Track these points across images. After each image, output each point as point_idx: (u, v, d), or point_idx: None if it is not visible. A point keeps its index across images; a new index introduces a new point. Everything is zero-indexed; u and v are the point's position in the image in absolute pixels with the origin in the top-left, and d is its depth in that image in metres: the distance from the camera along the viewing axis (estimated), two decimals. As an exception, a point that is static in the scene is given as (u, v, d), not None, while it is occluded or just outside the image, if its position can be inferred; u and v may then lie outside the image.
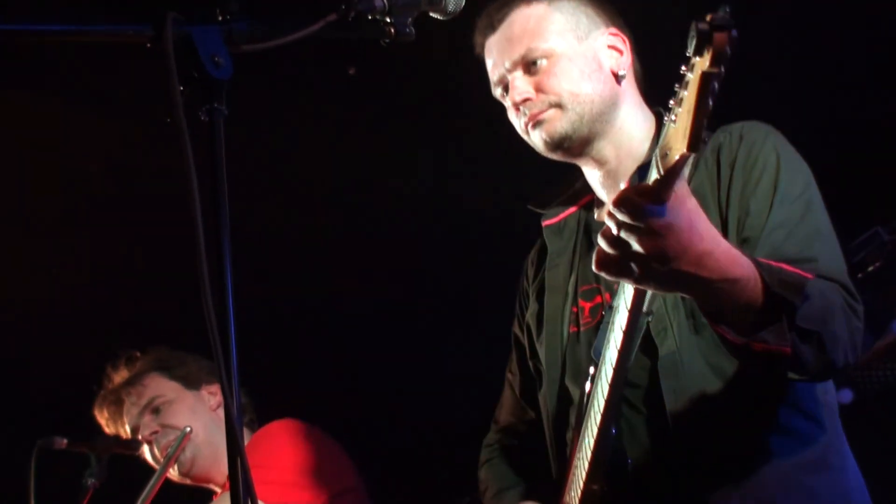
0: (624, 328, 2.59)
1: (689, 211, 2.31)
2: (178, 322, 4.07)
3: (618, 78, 3.08)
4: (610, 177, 3.10)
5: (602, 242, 2.34)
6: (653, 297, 2.75)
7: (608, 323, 2.71)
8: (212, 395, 4.56)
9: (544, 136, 3.03)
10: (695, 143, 2.07)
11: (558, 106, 3.01)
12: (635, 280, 2.37)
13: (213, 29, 2.30)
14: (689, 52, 2.05)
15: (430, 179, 5.58)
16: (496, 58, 3.13)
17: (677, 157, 2.13)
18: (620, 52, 3.11)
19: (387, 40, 2.60)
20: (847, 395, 5.09)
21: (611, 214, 2.29)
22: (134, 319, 5.62)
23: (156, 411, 4.52)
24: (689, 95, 2.07)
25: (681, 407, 2.79)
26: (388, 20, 2.57)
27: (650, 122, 3.07)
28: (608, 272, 2.37)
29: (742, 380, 2.78)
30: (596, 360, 2.82)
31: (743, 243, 2.75)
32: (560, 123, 3.01)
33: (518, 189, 3.80)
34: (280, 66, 4.33)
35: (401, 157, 5.53)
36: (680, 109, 2.11)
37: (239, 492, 2.01)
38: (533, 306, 3.28)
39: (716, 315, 2.50)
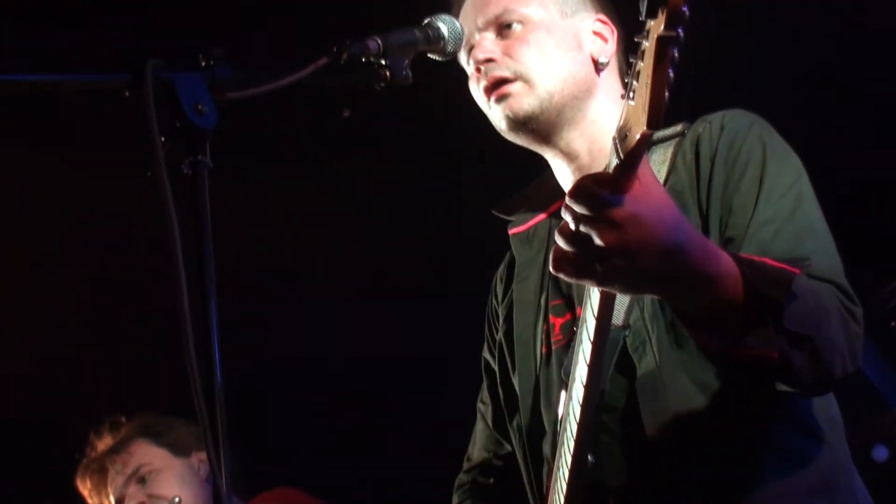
0: (592, 339, 2.41)
1: (655, 200, 2.14)
2: (163, 384, 4.01)
3: (597, 65, 2.91)
4: (580, 174, 2.88)
5: (559, 239, 2.17)
6: (629, 307, 2.61)
7: (578, 339, 2.53)
8: (202, 463, 4.43)
9: (508, 111, 2.84)
10: (655, 119, 1.93)
11: (526, 81, 2.84)
12: (598, 280, 2.18)
13: (196, 75, 2.24)
14: (642, 15, 1.92)
15: (426, 232, 5.54)
16: (470, 16, 2.96)
17: (638, 137, 1.98)
18: (606, 40, 2.96)
19: (382, 85, 2.52)
20: (882, 453, 4.94)
21: (567, 207, 2.13)
22: (117, 382, 5.54)
23: (142, 481, 4.38)
24: (645, 65, 1.93)
25: (663, 430, 2.60)
26: (384, 63, 2.51)
27: None
28: (567, 273, 2.19)
29: (732, 397, 2.59)
30: (566, 381, 2.65)
31: (727, 244, 2.58)
32: (527, 100, 2.84)
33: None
34: (268, 112, 4.26)
35: (396, 206, 5.50)
36: (637, 83, 1.98)
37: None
38: (503, 326, 3.10)
39: (693, 319, 2.32)
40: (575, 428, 2.55)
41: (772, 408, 2.59)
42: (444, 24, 2.69)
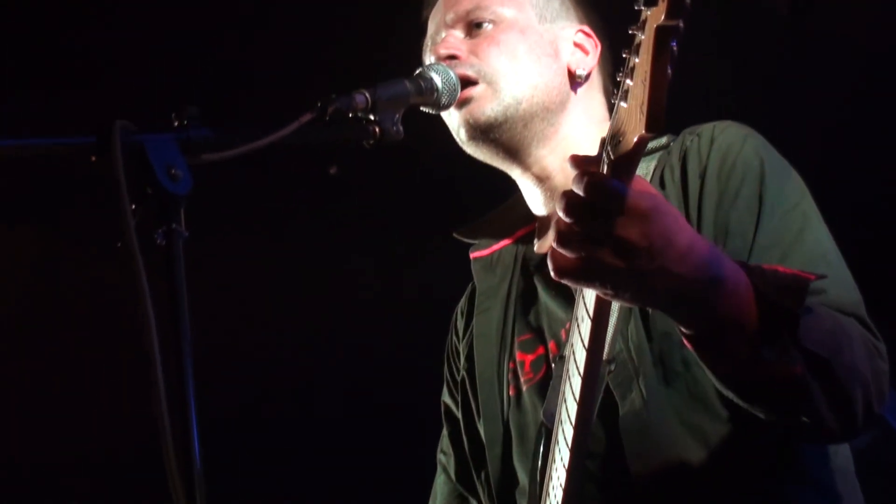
0: (583, 373, 2.17)
1: (661, 197, 1.98)
2: (137, 464, 3.95)
3: (574, 78, 2.74)
4: (553, 198, 2.70)
5: (559, 245, 1.93)
6: (612, 338, 2.40)
7: (559, 376, 2.34)
8: None
9: (468, 116, 2.66)
10: (654, 119, 1.76)
11: (490, 83, 2.66)
12: (611, 285, 1.96)
13: (169, 137, 2.14)
14: (640, 3, 1.77)
15: (411, 291, 5.50)
16: (440, 12, 2.81)
17: (635, 140, 1.81)
18: (587, 52, 2.79)
19: (371, 142, 2.41)
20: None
21: (569, 203, 1.90)
22: (85, 463, 5.45)
23: None
24: (642, 61, 1.78)
25: (650, 476, 2.41)
26: (373, 118, 2.41)
27: None
28: (574, 278, 1.95)
29: (727, 442, 2.40)
30: (549, 425, 2.43)
31: None
32: (490, 105, 2.65)
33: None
34: (248, 173, 4.20)
35: (378, 267, 5.48)
36: (632, 82, 1.82)
37: None
38: (464, 366, 2.90)
39: (701, 339, 2.09)
40: (563, 476, 2.34)
41: (773, 455, 2.40)
42: (437, 74, 2.58)
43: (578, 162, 1.95)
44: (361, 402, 5.62)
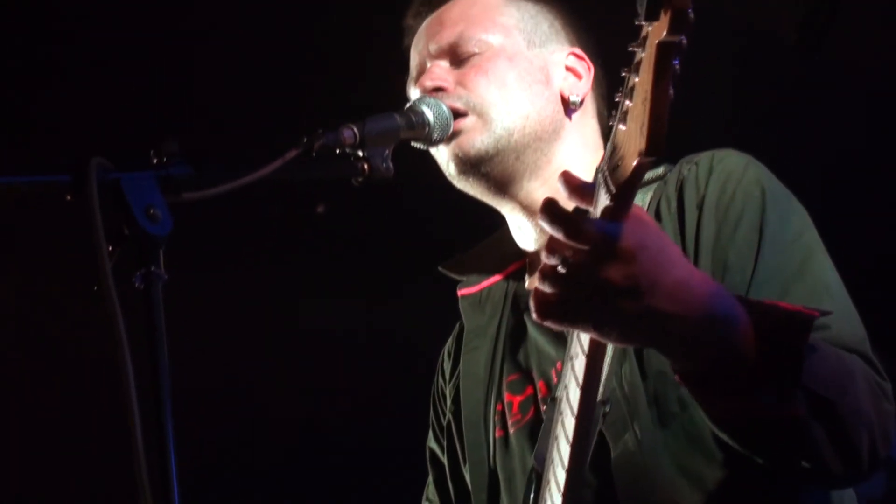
0: (577, 413, 2.08)
1: (655, 230, 1.92)
2: None
3: (568, 105, 2.67)
4: (543, 234, 2.60)
5: (542, 283, 1.88)
6: (607, 379, 2.31)
7: (551, 418, 2.25)
8: None
9: (457, 150, 2.59)
10: (656, 141, 1.70)
11: (480, 115, 2.60)
12: (595, 326, 1.90)
13: (147, 175, 2.08)
14: (640, 18, 1.70)
15: (396, 331, 5.47)
16: (422, 41, 2.74)
17: (635, 163, 1.75)
18: (580, 77, 2.72)
19: (360, 179, 2.35)
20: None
21: (553, 243, 1.86)
22: None
23: None
24: (642, 79, 1.73)
25: None
26: (361, 154, 2.35)
27: None
28: (556, 319, 1.90)
29: (724, 487, 2.29)
30: (540, 469, 2.34)
31: None
32: (481, 138, 2.58)
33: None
34: (231, 211, 4.15)
35: (361, 306, 5.45)
36: (631, 103, 1.77)
37: None
38: (451, 408, 2.81)
39: (697, 377, 2.02)
40: None
41: (770, 502, 2.29)
42: (428, 108, 2.52)
43: (572, 185, 1.91)
44: (345, 446, 5.60)
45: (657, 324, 1.90)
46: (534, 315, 1.91)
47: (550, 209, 1.86)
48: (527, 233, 2.70)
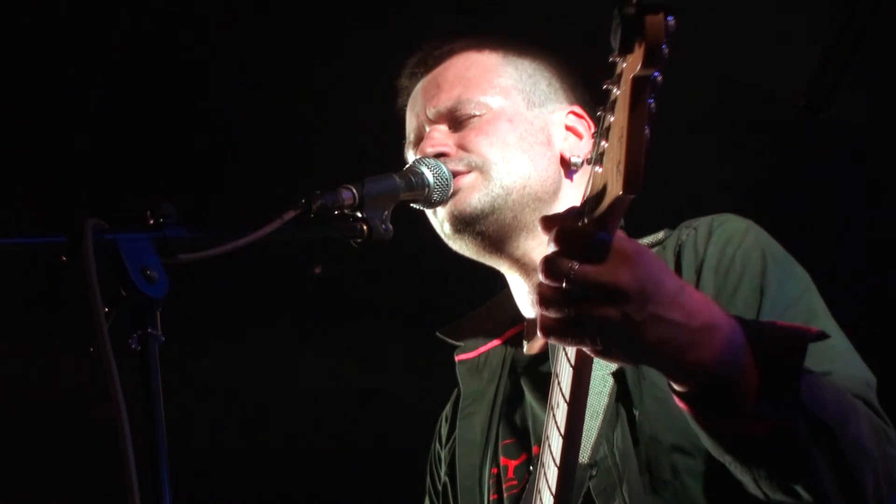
0: (559, 464, 2.05)
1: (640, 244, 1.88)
2: None
3: (568, 166, 2.67)
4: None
5: (543, 308, 1.83)
6: (596, 441, 2.31)
7: (536, 480, 2.19)
8: None
9: (453, 208, 2.59)
10: (632, 179, 1.68)
11: (481, 171, 2.60)
12: (603, 339, 1.84)
13: (144, 237, 2.10)
14: (614, 52, 1.69)
15: (398, 398, 5.45)
16: (419, 104, 2.74)
17: (611, 201, 1.73)
18: (580, 136, 2.72)
19: (359, 240, 2.37)
20: None
21: (549, 262, 1.80)
22: None
23: None
24: (618, 118, 1.71)
25: None
26: (360, 215, 2.37)
27: None
28: (562, 336, 1.85)
29: None
30: None
31: None
32: (478, 195, 2.59)
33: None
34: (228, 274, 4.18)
35: (358, 370, 5.46)
36: (607, 143, 1.75)
37: None
38: (446, 472, 2.81)
39: (695, 393, 1.95)
40: None
41: None
42: (428, 169, 2.54)
43: (549, 221, 1.87)
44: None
45: (661, 332, 1.85)
46: (539, 332, 1.86)
47: (547, 221, 1.85)
48: (523, 293, 2.70)
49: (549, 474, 2.10)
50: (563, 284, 1.80)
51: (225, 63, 4.61)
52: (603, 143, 1.75)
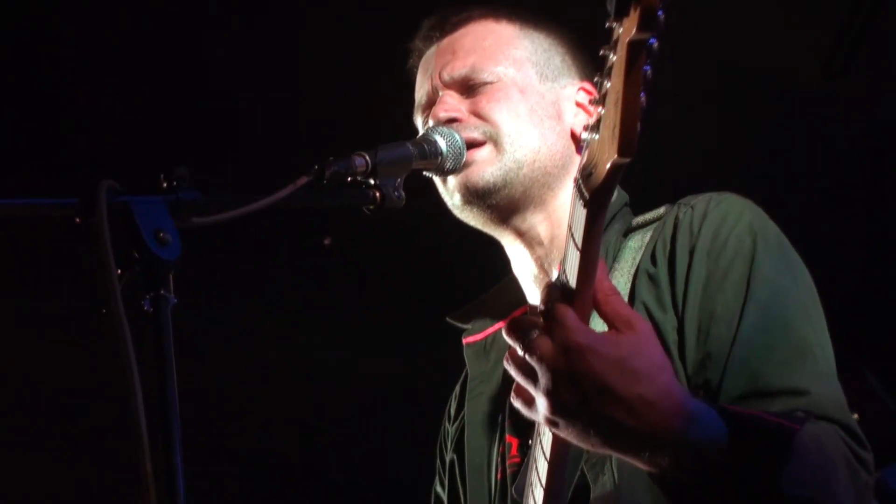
0: (549, 457, 2.16)
1: (629, 337, 1.95)
2: None
3: (578, 141, 2.72)
4: (543, 268, 2.71)
5: (509, 368, 1.99)
6: None
7: (533, 455, 2.29)
8: None
9: (465, 180, 2.65)
10: (628, 142, 1.75)
11: (496, 144, 2.66)
12: (547, 422, 1.98)
13: (157, 199, 2.15)
14: (610, 18, 1.76)
15: (414, 368, 5.52)
16: (431, 69, 2.79)
17: (608, 168, 1.80)
18: (590, 113, 2.80)
19: (371, 207, 2.42)
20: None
21: (510, 329, 1.96)
22: None
23: None
24: (614, 83, 1.77)
25: None
26: (373, 183, 2.42)
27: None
28: (521, 406, 2.02)
29: None
30: (519, 501, 2.41)
31: (705, 362, 2.35)
32: (491, 169, 2.65)
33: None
34: (240, 239, 4.23)
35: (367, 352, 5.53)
36: (604, 109, 1.82)
37: None
38: (454, 451, 2.89)
39: (666, 482, 2.06)
40: None
41: None
42: (441, 138, 2.60)
43: (512, 327, 1.98)
44: (347, 487, 5.70)
45: (608, 433, 1.95)
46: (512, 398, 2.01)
47: (511, 325, 1.96)
48: (526, 266, 2.76)
49: (540, 467, 2.21)
50: (519, 350, 1.94)
51: (241, 29, 4.67)
52: (600, 109, 1.82)
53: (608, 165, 1.80)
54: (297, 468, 5.68)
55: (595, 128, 1.85)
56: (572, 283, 1.95)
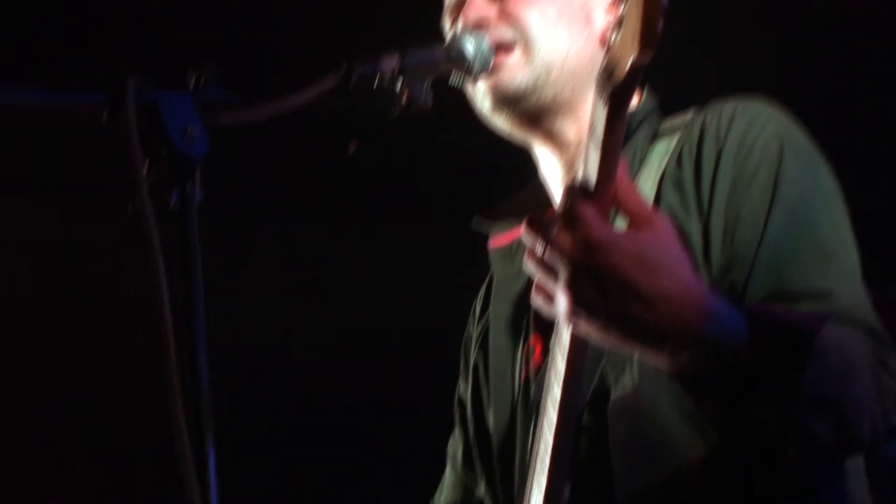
0: (566, 356, 2.22)
1: (648, 233, 2.01)
2: (148, 451, 3.99)
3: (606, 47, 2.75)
4: (570, 172, 2.70)
5: (529, 263, 2.07)
6: None
7: (552, 355, 2.33)
8: None
9: (495, 85, 2.65)
10: (648, 36, 1.80)
11: (526, 46, 2.65)
12: (567, 318, 2.05)
13: (185, 96, 2.15)
14: None
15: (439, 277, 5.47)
16: None
17: (629, 64, 1.84)
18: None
19: (398, 111, 2.43)
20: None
21: (531, 223, 2.05)
22: (93, 447, 5.49)
23: None
24: None
25: (632, 466, 2.41)
26: (400, 85, 2.42)
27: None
28: (540, 303, 2.09)
29: (729, 442, 2.35)
30: (539, 401, 2.44)
31: (730, 264, 2.38)
32: (521, 74, 2.64)
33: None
34: (265, 139, 4.22)
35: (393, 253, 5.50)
36: (626, 6, 1.85)
37: None
38: (478, 354, 2.91)
39: (689, 380, 2.13)
40: (547, 460, 2.36)
41: (776, 467, 2.36)
42: (469, 43, 2.59)
43: (532, 224, 2.05)
44: (371, 394, 5.67)
45: (628, 328, 2.02)
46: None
47: (530, 222, 2.03)
48: (553, 169, 2.77)
49: (563, 342, 2.24)
50: (539, 248, 2.02)
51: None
52: (622, 7, 1.86)
53: (628, 63, 1.85)
54: (326, 382, 5.69)
55: (618, 26, 1.88)
56: (592, 181, 1.99)
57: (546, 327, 2.59)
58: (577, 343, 2.19)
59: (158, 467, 2.93)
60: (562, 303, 2.02)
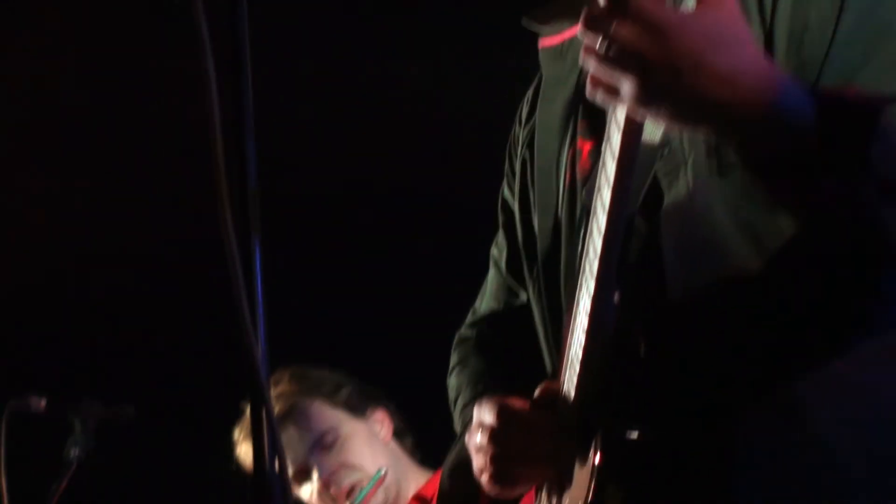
0: (617, 157, 2.18)
1: (710, 8, 2.00)
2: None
3: None
4: None
5: (589, 61, 2.03)
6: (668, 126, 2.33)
7: (602, 159, 2.27)
8: (381, 424, 4.49)
9: None
10: None
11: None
12: (638, 103, 2.03)
13: None
14: None
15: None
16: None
17: None
18: None
19: None
20: None
21: (588, 18, 2.00)
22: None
23: (328, 448, 4.36)
24: None
25: (684, 270, 2.35)
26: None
27: None
28: (597, 92, 2.07)
29: (784, 245, 2.25)
30: (588, 207, 2.38)
31: (797, 68, 2.24)
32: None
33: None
34: None
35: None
36: None
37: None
38: (524, 154, 2.84)
39: (751, 159, 2.08)
40: (596, 264, 2.33)
41: (842, 272, 2.24)
42: None
43: (589, 19, 2.00)
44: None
45: (703, 107, 2.00)
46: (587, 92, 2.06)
47: (588, 18, 1.99)
48: None
49: (614, 143, 2.21)
50: (599, 42, 1.99)
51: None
52: None
53: None
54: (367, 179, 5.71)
55: None
56: None
57: (595, 129, 2.57)
58: (629, 144, 2.16)
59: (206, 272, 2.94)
60: (630, 90, 2.01)
